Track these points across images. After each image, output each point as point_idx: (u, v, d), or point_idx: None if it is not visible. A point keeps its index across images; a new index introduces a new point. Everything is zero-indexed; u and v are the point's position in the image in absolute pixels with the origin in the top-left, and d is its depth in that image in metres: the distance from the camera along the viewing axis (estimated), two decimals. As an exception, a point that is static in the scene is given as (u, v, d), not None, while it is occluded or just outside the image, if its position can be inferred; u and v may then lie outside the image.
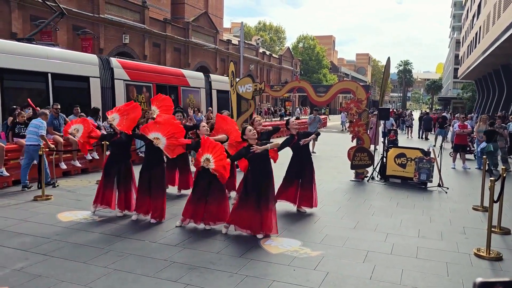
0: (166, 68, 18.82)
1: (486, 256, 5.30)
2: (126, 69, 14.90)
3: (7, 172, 8.74)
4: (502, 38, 25.15)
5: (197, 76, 19.60)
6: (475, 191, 9.15)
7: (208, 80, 20.01)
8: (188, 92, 18.23)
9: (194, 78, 18.92)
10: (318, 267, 4.88)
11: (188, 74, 18.66)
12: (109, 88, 14.14)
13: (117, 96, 14.41)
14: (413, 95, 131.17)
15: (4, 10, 19.21)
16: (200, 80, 19.32)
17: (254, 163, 5.92)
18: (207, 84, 19.83)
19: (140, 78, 15.56)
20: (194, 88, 18.65)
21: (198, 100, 18.92)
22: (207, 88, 19.78)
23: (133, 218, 6.61)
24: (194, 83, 18.70)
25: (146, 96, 15.84)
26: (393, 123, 16.07)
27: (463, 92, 62.81)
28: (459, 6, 78.75)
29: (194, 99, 18.52)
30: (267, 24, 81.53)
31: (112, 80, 14.25)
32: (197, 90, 18.90)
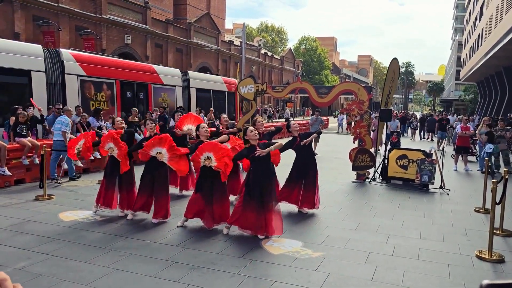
0: (133, 62, 17.03)
1: (488, 258, 5.29)
2: (81, 62, 13.19)
3: (9, 172, 8.76)
4: (504, 40, 25.11)
5: (172, 72, 17.93)
6: (477, 193, 9.14)
7: (185, 78, 18.52)
8: (161, 90, 16.63)
9: (168, 75, 17.26)
10: (320, 268, 4.88)
11: (160, 70, 17.08)
12: (58, 85, 12.45)
13: (68, 94, 12.69)
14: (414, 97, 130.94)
15: (7, 10, 19.27)
16: (175, 77, 17.69)
17: (256, 164, 5.93)
18: (185, 82, 18.30)
19: (99, 74, 13.81)
20: (168, 86, 17.06)
21: (173, 100, 17.32)
22: (185, 86, 18.26)
23: (129, 218, 6.61)
24: (168, 80, 17.04)
25: (107, 95, 14.24)
26: (398, 125, 16.06)
27: (465, 94, 62.73)
28: (461, 8, 78.69)
29: (168, 98, 16.96)
30: (269, 25, 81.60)
31: (63, 75, 12.53)
32: (172, 89, 17.31)
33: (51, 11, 21.36)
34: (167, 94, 17.05)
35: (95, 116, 11.71)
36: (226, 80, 22.46)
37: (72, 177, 9.77)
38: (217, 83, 21.14)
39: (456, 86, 75.10)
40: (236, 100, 21.82)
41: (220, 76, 23.44)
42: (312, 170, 7.33)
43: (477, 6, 42.90)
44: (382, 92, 11.36)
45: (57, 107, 10.54)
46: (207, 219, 6.15)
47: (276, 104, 52.97)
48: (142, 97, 15.72)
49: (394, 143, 13.59)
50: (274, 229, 5.83)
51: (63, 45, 20.58)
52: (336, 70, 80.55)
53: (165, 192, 6.59)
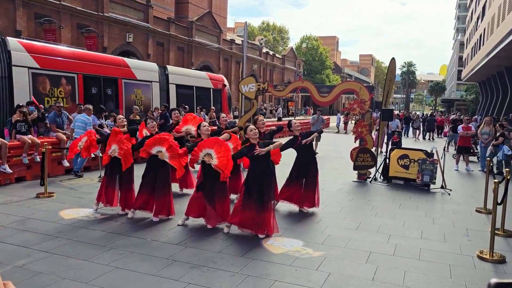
0: (99, 55, 15.00)
1: (489, 258, 5.27)
2: (34, 53, 11.73)
3: (10, 169, 8.77)
4: (506, 40, 25.05)
5: (148, 67, 16.29)
6: (478, 193, 9.11)
7: (164, 73, 16.88)
8: (134, 86, 15.09)
9: (143, 70, 15.67)
10: (320, 268, 4.86)
11: (134, 64, 15.38)
12: (3, 78, 11.12)
13: (16, 89, 11.25)
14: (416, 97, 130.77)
15: (8, 8, 19.27)
16: (151, 72, 16.07)
17: (255, 162, 5.92)
18: (163, 77, 16.70)
19: (56, 66, 12.32)
20: (142, 81, 15.48)
21: (149, 96, 15.79)
22: (163, 82, 16.63)
23: (129, 216, 6.61)
24: (143, 75, 15.44)
25: (67, 90, 12.70)
26: (398, 125, 16.02)
27: (466, 94, 62.63)
28: (463, 8, 78.55)
29: (142, 95, 15.42)
30: (271, 24, 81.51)
31: (9, 67, 11.12)
32: (147, 84, 15.72)
33: (53, 9, 21.36)
34: (142, 90, 15.45)
35: (97, 114, 11.70)
36: (212, 76, 20.93)
37: (76, 172, 9.81)
38: (201, 79, 19.64)
39: (458, 86, 74.97)
40: (224, 98, 20.88)
41: (205, 72, 21.58)
42: (313, 170, 7.31)
43: (479, 6, 42.80)
44: (383, 92, 11.34)
45: (58, 105, 10.53)
46: (209, 218, 6.14)
47: (277, 103, 52.96)
48: (111, 93, 14.22)
49: (395, 143, 13.56)
50: (273, 228, 5.82)
51: (65, 43, 20.58)
52: (337, 70, 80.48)
53: (167, 190, 6.57)
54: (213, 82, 20.33)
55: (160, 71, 16.54)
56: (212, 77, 20.74)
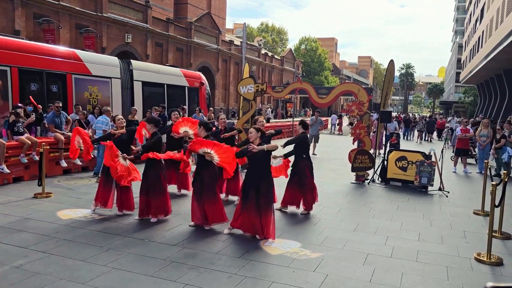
0: (41, 45, 12.75)
1: (486, 260, 5.28)
2: None
3: (8, 169, 8.75)
4: (505, 42, 25.13)
5: (106, 61, 14.37)
6: (476, 195, 9.13)
7: (127, 68, 14.93)
8: (88, 82, 13.24)
9: (100, 64, 13.76)
10: (318, 269, 4.87)
11: (88, 58, 13.37)
12: None
13: None
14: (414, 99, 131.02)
15: (7, 8, 19.24)
16: (111, 67, 14.15)
17: (252, 163, 5.92)
18: (125, 73, 14.78)
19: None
20: (99, 77, 13.60)
21: (107, 95, 13.90)
22: (125, 79, 14.68)
23: (135, 218, 6.58)
24: (100, 70, 13.62)
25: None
26: (396, 127, 16.05)
27: (465, 96, 62.79)
28: (462, 11, 78.77)
29: (99, 93, 13.56)
30: (270, 26, 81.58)
31: None
32: (105, 81, 13.85)
33: (52, 9, 21.33)
34: (98, 87, 13.61)
35: (94, 114, 11.67)
36: (187, 74, 18.88)
37: (97, 174, 9.84)
38: (173, 76, 17.52)
39: (456, 88, 75.17)
40: (201, 97, 19.12)
41: (179, 68, 19.17)
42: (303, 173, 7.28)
43: (478, 9, 42.94)
44: (381, 93, 11.36)
45: (57, 105, 10.51)
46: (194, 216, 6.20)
47: (276, 105, 52.97)
48: (56, 90, 12.38)
49: (394, 145, 13.58)
50: (269, 232, 5.78)
51: (64, 43, 20.55)
52: (336, 71, 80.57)
53: (160, 191, 6.49)
54: (188, 80, 18.40)
55: (122, 66, 14.65)
56: (188, 74, 18.79)
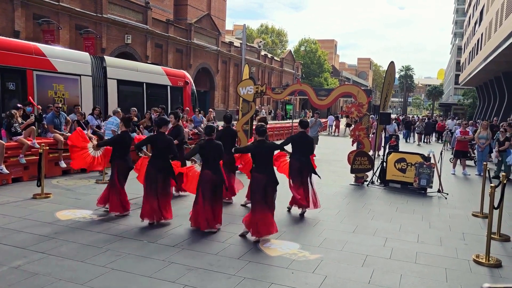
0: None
1: (485, 262, 5.29)
2: None
3: (7, 170, 8.74)
4: (504, 45, 25.17)
5: (75, 57, 13.13)
6: (475, 197, 9.14)
7: (99, 65, 13.86)
8: (53, 80, 12.07)
9: (67, 60, 12.57)
10: (317, 270, 4.87)
11: (53, 53, 12.21)
12: None
13: None
14: (414, 101, 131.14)
15: (7, 9, 19.24)
16: (80, 64, 12.96)
17: (257, 160, 6.00)
18: (98, 70, 13.71)
19: None
20: (66, 74, 12.46)
21: (76, 94, 12.75)
22: (98, 77, 13.67)
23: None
24: (67, 67, 12.46)
25: None
26: (395, 129, 16.05)
27: (464, 99, 62.85)
28: (461, 13, 78.92)
29: (65, 91, 12.41)
30: (269, 27, 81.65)
31: None
32: (73, 79, 12.71)
33: (52, 10, 21.33)
34: (64, 86, 12.41)
35: (94, 114, 11.67)
36: (170, 72, 17.74)
37: None
38: (154, 74, 16.38)
39: (455, 91, 75.26)
40: (186, 97, 18.14)
41: (160, 66, 18.00)
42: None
43: (477, 11, 43.02)
44: (381, 95, 11.37)
45: (56, 106, 10.52)
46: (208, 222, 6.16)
47: (276, 106, 53.00)
48: (14, 88, 11.33)
49: (393, 147, 13.59)
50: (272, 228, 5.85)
51: (63, 44, 20.55)
52: (335, 73, 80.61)
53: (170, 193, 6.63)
54: (171, 79, 17.27)
55: (94, 63, 13.58)
56: (170, 73, 17.65)
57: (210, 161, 6.12)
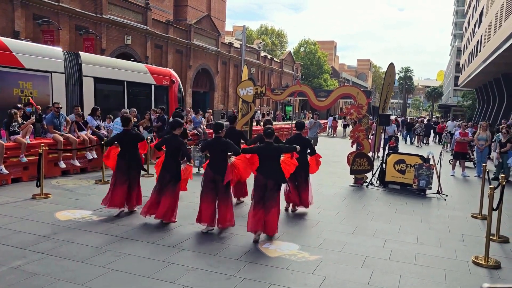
0: None
1: (484, 264, 5.30)
2: None
3: (6, 170, 8.74)
4: (503, 47, 25.21)
5: (45, 52, 12.12)
6: (474, 199, 9.15)
7: (75, 61, 12.79)
8: (19, 77, 11.07)
9: (36, 56, 11.56)
10: (316, 271, 4.87)
11: (19, 47, 11.18)
12: None
13: None
14: (413, 102, 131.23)
15: (7, 9, 19.24)
16: (51, 60, 11.93)
17: (262, 161, 6.09)
18: (72, 67, 12.64)
19: None
20: (35, 71, 11.45)
21: (46, 92, 11.78)
22: (72, 74, 12.58)
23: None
24: (36, 63, 11.47)
25: None
26: (395, 130, 16.07)
27: (463, 100, 62.92)
28: (460, 15, 79.06)
29: (34, 89, 11.42)
30: (269, 28, 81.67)
31: None
32: (43, 76, 11.72)
33: (52, 10, 21.34)
34: (33, 83, 11.42)
35: (93, 115, 11.68)
36: (154, 70, 16.56)
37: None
38: (136, 72, 15.36)
39: (455, 92, 75.36)
40: (172, 97, 17.06)
41: (144, 64, 16.84)
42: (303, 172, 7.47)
43: (477, 13, 43.09)
44: (381, 96, 11.39)
45: (56, 106, 10.52)
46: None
47: (276, 107, 53.02)
48: None
49: (392, 148, 13.60)
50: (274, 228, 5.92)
51: (63, 44, 20.57)
52: (335, 74, 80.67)
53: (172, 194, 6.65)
54: (155, 77, 16.21)
55: (67, 59, 12.54)
56: (155, 71, 16.48)
57: (216, 158, 6.20)
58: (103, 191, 8.56)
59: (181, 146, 6.54)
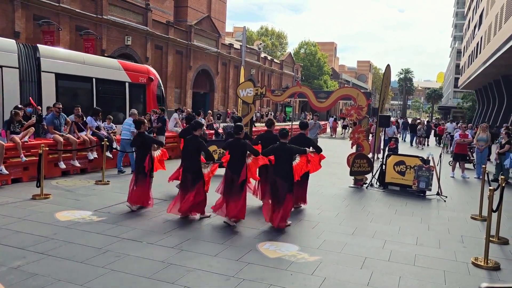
0: None
1: (483, 265, 5.30)
2: None
3: (6, 170, 8.74)
4: (503, 48, 25.25)
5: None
6: (473, 200, 9.16)
7: (32, 55, 11.61)
8: None
9: None
10: (316, 272, 4.88)
11: None
12: None
13: None
14: (413, 104, 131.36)
15: (7, 9, 19.27)
16: (2, 53, 10.75)
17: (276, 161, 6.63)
18: (28, 61, 11.45)
19: None
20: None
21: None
22: (27, 69, 11.38)
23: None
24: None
25: None
26: (395, 131, 16.07)
27: (463, 102, 62.95)
28: (460, 16, 79.15)
29: None
30: (269, 29, 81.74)
31: None
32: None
33: (52, 11, 21.37)
34: None
35: (93, 116, 11.68)
36: (129, 66, 15.15)
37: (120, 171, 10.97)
38: (107, 69, 14.02)
39: (455, 94, 75.41)
40: (150, 96, 15.79)
41: (117, 60, 15.14)
42: None
43: (477, 15, 43.14)
44: (379, 98, 11.41)
45: (58, 107, 10.52)
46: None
47: (276, 108, 53.03)
48: None
49: (392, 149, 13.60)
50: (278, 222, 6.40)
51: (63, 45, 20.58)
52: (335, 76, 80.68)
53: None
54: (130, 74, 14.80)
55: (22, 52, 11.35)
56: (130, 67, 15.10)
57: (235, 158, 6.63)
58: (103, 192, 8.59)
59: (201, 147, 6.82)
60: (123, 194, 8.40)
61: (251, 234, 6.19)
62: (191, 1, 37.01)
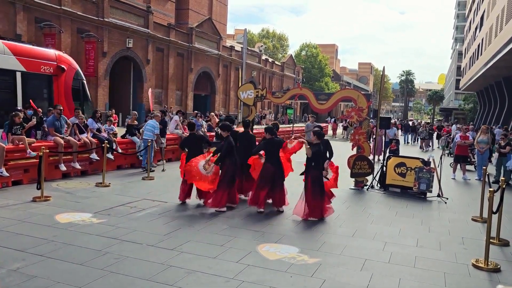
0: None
1: (484, 267, 5.28)
2: None
3: (7, 173, 8.75)
4: (504, 50, 25.22)
5: None
6: (474, 202, 9.13)
7: None
8: None
9: None
10: (315, 274, 4.86)
11: None
12: None
13: None
14: (414, 105, 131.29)
15: (9, 12, 19.35)
16: None
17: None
18: None
19: None
20: None
21: None
22: None
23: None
24: None
25: None
26: (396, 133, 16.05)
27: (464, 103, 62.86)
28: (461, 18, 79.12)
29: None
30: (270, 32, 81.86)
31: None
32: None
33: (53, 14, 21.45)
34: None
35: (94, 118, 11.70)
36: (23, 50, 11.65)
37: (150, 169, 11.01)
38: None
39: (456, 95, 75.35)
40: (61, 90, 12.49)
41: (3, 41, 11.35)
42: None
43: (478, 16, 43.12)
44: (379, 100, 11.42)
45: (59, 109, 10.53)
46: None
47: (277, 110, 53.04)
48: None
49: (393, 151, 13.58)
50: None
51: (64, 48, 20.64)
52: (336, 77, 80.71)
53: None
54: (25, 61, 11.46)
55: None
56: (24, 52, 11.62)
57: (272, 155, 7.61)
58: (103, 194, 8.59)
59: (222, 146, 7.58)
60: (123, 196, 8.42)
61: (250, 236, 6.18)
62: (192, 4, 37.10)
